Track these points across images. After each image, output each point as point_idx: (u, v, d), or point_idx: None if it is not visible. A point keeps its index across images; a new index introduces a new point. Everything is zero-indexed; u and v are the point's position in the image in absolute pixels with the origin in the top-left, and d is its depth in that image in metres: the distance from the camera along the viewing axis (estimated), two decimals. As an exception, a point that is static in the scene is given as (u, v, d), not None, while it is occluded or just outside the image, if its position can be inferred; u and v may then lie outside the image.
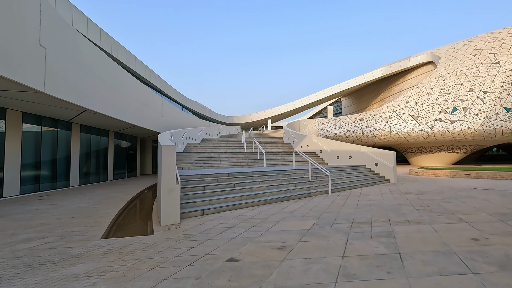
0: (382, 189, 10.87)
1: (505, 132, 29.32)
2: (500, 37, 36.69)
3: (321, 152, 17.63)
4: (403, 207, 6.87)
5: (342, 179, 11.57)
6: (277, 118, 54.88)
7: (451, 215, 5.85)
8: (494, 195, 8.79)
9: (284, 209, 6.92)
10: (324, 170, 9.79)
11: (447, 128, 30.36)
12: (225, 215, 6.26)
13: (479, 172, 15.49)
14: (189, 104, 36.31)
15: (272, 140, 24.81)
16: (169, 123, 22.57)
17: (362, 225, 5.14)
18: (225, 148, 20.10)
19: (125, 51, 19.93)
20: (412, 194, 9.31)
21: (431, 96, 32.46)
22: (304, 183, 9.93)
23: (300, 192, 9.01)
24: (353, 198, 8.62)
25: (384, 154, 14.06)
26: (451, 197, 8.39)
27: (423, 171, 18.32)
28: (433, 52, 42.04)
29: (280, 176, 10.02)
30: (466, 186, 11.46)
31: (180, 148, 16.67)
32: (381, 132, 32.23)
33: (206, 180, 8.05)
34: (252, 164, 14.28)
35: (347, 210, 6.62)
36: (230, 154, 15.02)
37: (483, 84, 31.67)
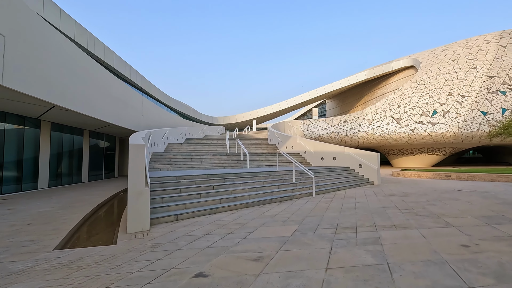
0: (366, 191, 10.69)
1: (482, 135, 30.35)
2: (477, 44, 38.12)
3: (305, 153, 17.41)
4: (389, 210, 6.62)
5: (326, 181, 11.31)
6: (263, 119, 54.67)
7: (438, 219, 5.64)
8: (476, 197, 8.77)
9: (266, 213, 6.51)
10: (308, 171, 9.48)
11: (427, 130, 31.09)
12: (201, 220, 5.77)
13: (459, 174, 15.74)
14: (173, 104, 35.37)
15: (257, 141, 24.44)
16: (149, 122, 21.71)
17: (347, 231, 4.80)
18: (208, 148, 19.52)
19: (102, 46, 18.97)
20: (397, 196, 9.15)
21: (413, 99, 33.19)
22: (288, 185, 9.57)
23: (283, 194, 8.64)
24: (337, 200, 8.34)
25: (368, 155, 13.98)
26: (435, 199, 8.27)
27: (406, 173, 18.48)
28: (414, 56, 43.13)
29: (262, 177, 9.61)
30: (448, 187, 11.50)
31: (160, 148, 15.97)
32: (365, 134, 32.60)
33: (183, 182, 7.51)
34: (235, 165, 13.82)
35: (331, 214, 6.29)
36: (213, 154, 14.49)
37: (461, 88, 32.71)
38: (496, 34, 38.65)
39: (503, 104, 30.73)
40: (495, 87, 31.77)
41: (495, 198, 8.34)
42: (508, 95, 31.16)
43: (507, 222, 5.32)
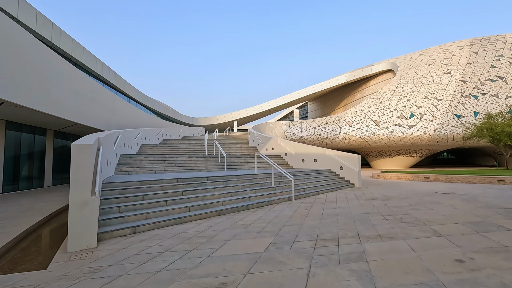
0: (347, 194, 10.29)
1: (456, 138, 31.35)
2: (451, 50, 39.57)
3: (286, 155, 16.92)
4: (372, 217, 6.16)
5: (306, 184, 10.82)
6: (245, 120, 54.03)
7: (424, 226, 5.21)
8: (458, 200, 8.56)
9: (239, 222, 5.84)
10: (287, 174, 8.92)
11: (405, 133, 31.71)
12: (163, 232, 5.01)
13: (437, 176, 15.83)
14: (150, 104, 33.93)
15: (237, 142, 23.73)
16: (122, 122, 20.43)
17: (328, 243, 4.23)
18: (185, 150, 18.59)
19: (70, 40, 17.58)
20: (379, 200, 8.78)
21: (391, 102, 33.80)
22: (266, 189, 8.96)
23: (260, 199, 8.01)
24: (318, 205, 7.82)
25: (349, 157, 13.68)
26: (418, 203, 7.96)
27: (386, 175, 18.46)
28: (392, 60, 44.17)
29: (239, 181, 8.94)
30: (429, 190, 11.35)
31: (132, 150, 14.91)
32: (345, 135, 32.77)
33: (148, 188, 6.69)
34: (212, 168, 13.05)
35: (311, 222, 5.73)
36: (188, 156, 13.64)
37: (437, 92, 33.70)
38: (468, 41, 40.31)
39: (475, 108, 31.94)
40: (468, 91, 32.99)
41: (476, 201, 8.15)
42: (479, 99, 32.43)
43: (495, 229, 4.98)
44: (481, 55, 36.73)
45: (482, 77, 34.08)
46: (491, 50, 37.20)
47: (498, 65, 34.99)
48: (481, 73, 34.40)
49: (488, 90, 32.93)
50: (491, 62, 35.38)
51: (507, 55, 35.99)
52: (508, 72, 34.24)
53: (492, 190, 10.95)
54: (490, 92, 32.79)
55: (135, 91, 28.90)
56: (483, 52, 37.14)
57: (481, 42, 39.05)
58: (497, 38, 39.30)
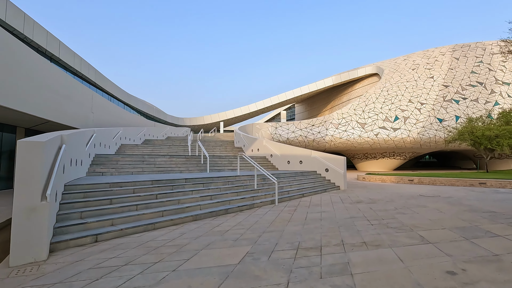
0: (332, 197, 10.03)
1: (438, 141, 32.04)
2: (434, 55, 40.58)
3: (271, 156, 16.58)
4: (357, 222, 5.86)
5: (291, 187, 10.48)
6: (231, 121, 53.51)
7: (411, 232, 4.94)
8: (443, 203, 8.44)
9: (216, 228, 5.39)
10: (271, 177, 8.54)
11: (390, 135, 32.13)
12: (129, 241, 4.50)
13: (421, 178, 15.91)
14: (133, 102, 32.86)
15: (223, 143, 23.22)
16: (101, 120, 19.50)
17: (310, 253, 3.86)
18: (167, 150, 17.92)
19: (44, 33, 16.60)
20: (364, 203, 8.54)
21: (376, 105, 34.21)
22: (248, 192, 8.54)
23: (241, 203, 7.58)
24: (302, 209, 7.48)
25: (335, 159, 13.48)
26: (403, 207, 7.76)
27: (371, 177, 18.45)
28: (378, 64, 44.87)
29: (220, 183, 8.48)
30: (413, 193, 11.27)
31: (109, 149, 14.17)
32: (331, 138, 32.86)
33: (118, 190, 6.13)
34: (194, 169, 12.52)
35: (293, 228, 5.36)
36: (169, 157, 13.04)
37: (420, 96, 34.39)
38: (450, 47, 41.50)
39: (457, 112, 32.79)
40: (449, 96, 33.85)
41: (461, 205, 8.05)
42: (461, 103, 33.33)
43: (483, 234, 4.77)
44: (462, 61, 37.86)
45: (463, 82, 35.07)
46: (471, 56, 38.40)
47: (478, 71, 36.13)
48: (462, 79, 35.42)
49: (468, 95, 33.90)
50: (471, 68, 36.51)
51: (486, 61, 37.25)
52: (487, 78, 35.41)
53: (474, 193, 10.98)
54: (471, 97, 33.77)
55: (116, 89, 27.86)
56: (464, 58, 38.30)
57: (462, 49, 40.28)
58: (477, 45, 40.64)
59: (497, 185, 13.33)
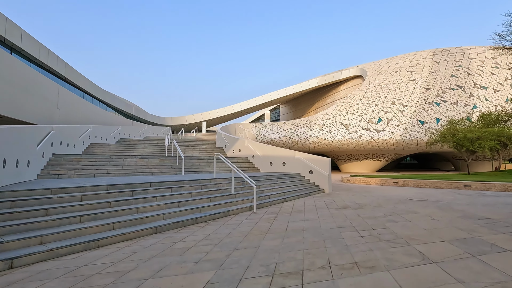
0: (317, 201, 9.28)
1: (420, 143, 32.36)
2: (415, 58, 41.22)
3: (253, 157, 15.73)
4: (345, 233, 5.09)
5: (272, 190, 9.65)
6: (216, 121, 52.28)
7: (407, 247, 4.21)
8: (433, 208, 7.87)
9: (177, 244, 4.45)
10: (249, 180, 7.66)
11: (373, 137, 32.11)
12: (57, 266, 3.48)
13: (406, 181, 15.56)
14: (110, 100, 31.05)
15: (203, 143, 22.16)
16: (70, 117, 18.00)
17: (289, 281, 3.01)
18: (142, 150, 16.71)
19: (3, 20, 14.96)
20: (350, 209, 7.83)
21: (360, 107, 34.17)
22: (224, 197, 7.63)
23: (215, 210, 6.65)
24: (283, 217, 6.65)
25: (319, 160, 12.80)
26: (393, 213, 7.10)
27: (355, 179, 17.99)
28: (361, 67, 45.14)
29: (192, 188, 7.52)
30: (400, 196, 10.73)
31: (75, 149, 12.84)
32: (316, 139, 32.47)
33: (60, 198, 5.05)
34: (167, 171, 11.45)
35: (270, 243, 4.50)
36: (140, 158, 11.89)
37: (403, 98, 34.67)
38: (431, 51, 42.34)
39: (437, 115, 33.27)
40: (431, 98, 34.33)
41: (453, 210, 7.50)
42: (441, 106, 33.86)
43: (490, 249, 4.10)
44: (443, 64, 38.63)
45: (444, 85, 35.72)
46: (451, 60, 39.28)
47: (458, 74, 36.95)
48: (443, 82, 36.07)
49: (448, 98, 34.53)
50: (451, 72, 37.28)
51: (465, 65, 38.19)
52: (466, 81, 36.25)
53: (462, 196, 10.59)
54: (451, 100, 34.40)
55: (90, 85, 26.09)
56: (444, 62, 39.11)
57: (442, 53, 41.17)
58: (456, 50, 41.68)
59: (481, 187, 13.10)
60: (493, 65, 38.24)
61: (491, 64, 38.37)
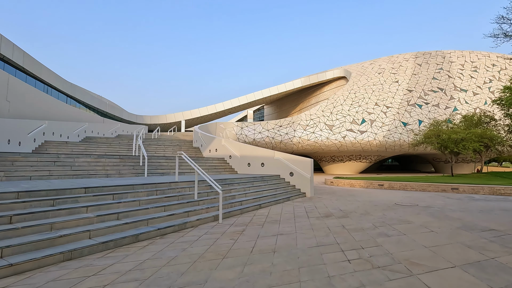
0: (296, 208, 8.11)
1: (403, 144, 32.17)
2: (398, 60, 41.32)
3: (230, 158, 14.43)
4: (327, 255, 3.90)
5: (246, 195, 8.39)
6: (197, 121, 50.45)
7: (411, 278, 3.07)
8: (426, 216, 6.89)
9: (86, 280, 3.10)
10: (214, 184, 6.36)
11: (357, 138, 31.60)
12: None
13: (391, 183, 14.75)
14: (79, 95, 28.76)
15: (179, 143, 20.64)
16: (24, 111, 16.01)
17: None
18: (106, 149, 15.05)
19: None
20: (334, 217, 6.70)
21: (344, 107, 33.62)
22: (183, 205, 6.29)
23: (167, 223, 5.31)
24: (252, 230, 5.40)
25: (301, 161, 11.68)
26: (383, 223, 6.03)
27: (339, 181, 17.06)
28: (345, 68, 44.84)
29: (143, 194, 6.13)
30: (387, 201, 9.77)
31: (21, 147, 11.09)
32: (299, 139, 31.57)
33: None
34: (127, 173, 9.94)
35: (224, 275, 3.24)
36: (97, 157, 10.30)
37: (386, 99, 34.45)
38: (413, 54, 42.61)
39: (420, 117, 33.26)
40: (413, 100, 34.31)
41: (449, 219, 6.53)
42: (423, 108, 33.90)
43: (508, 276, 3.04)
44: (424, 67, 38.88)
45: (426, 87, 35.86)
46: (432, 63, 39.63)
47: (439, 77, 37.26)
48: (425, 84, 36.22)
49: (430, 100, 34.65)
50: (433, 74, 37.55)
51: (446, 68, 38.60)
52: (447, 84, 36.58)
53: (452, 201, 9.77)
54: (432, 102, 34.54)
55: (56, 78, 23.85)
56: (426, 64, 39.39)
57: (424, 56, 41.52)
58: (437, 53, 42.16)
59: (469, 190, 12.44)
60: (472, 68, 38.91)
61: (471, 68, 39.03)
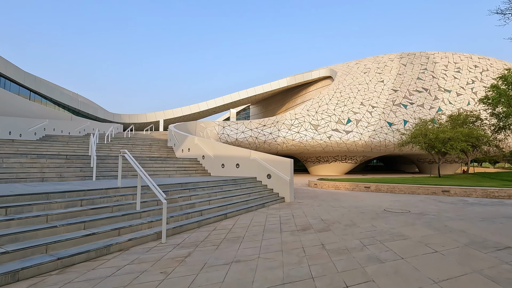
0: (270, 218, 6.78)
1: (388, 144, 31.59)
2: (383, 61, 40.99)
3: (203, 158, 12.97)
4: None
5: (209, 203, 6.97)
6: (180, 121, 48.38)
7: None
8: (423, 227, 5.71)
9: None
10: (157, 191, 4.92)
11: (342, 138, 30.75)
12: None
13: (378, 185, 13.70)
14: (46, 91, 26.48)
15: (152, 142, 18.97)
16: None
17: None
18: (61, 148, 13.31)
19: None
20: (313, 231, 5.41)
21: (330, 107, 32.75)
22: (117, 218, 4.81)
23: (80, 247, 3.84)
24: (199, 257, 4.00)
25: (279, 162, 10.37)
26: (374, 240, 4.77)
27: (323, 183, 15.91)
28: (331, 67, 44.18)
29: (60, 205, 4.61)
30: (375, 206, 8.60)
31: None
32: (284, 139, 30.39)
33: None
34: (70, 176, 8.31)
35: None
36: (35, 157, 8.61)
37: (372, 99, 33.85)
38: (398, 54, 42.44)
39: (405, 117, 32.83)
40: (398, 100, 33.88)
41: (451, 231, 5.37)
42: (408, 108, 33.52)
43: None
44: (409, 67, 38.69)
45: (410, 87, 35.57)
46: (417, 64, 39.51)
47: (423, 77, 37.10)
48: (409, 84, 35.94)
49: (415, 100, 34.34)
50: (417, 75, 37.37)
51: (430, 69, 38.54)
52: (431, 84, 36.46)
53: (446, 206, 8.72)
54: (417, 102, 34.24)
55: (15, 70, 21.61)
56: (411, 65, 39.23)
57: (409, 56, 41.41)
58: (421, 54, 42.16)
59: (461, 193, 11.51)
60: (456, 69, 39.07)
61: (454, 69, 39.18)
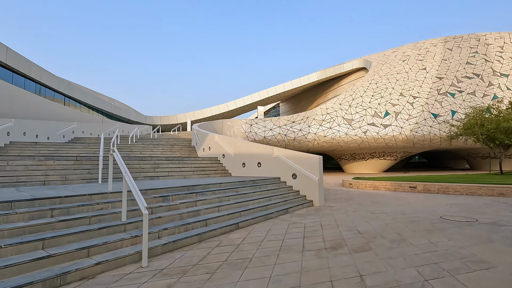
0: (292, 229, 5.45)
1: (433, 138, 28.21)
2: (425, 47, 37.06)
3: (224, 157, 11.96)
4: None
5: (219, 209, 5.83)
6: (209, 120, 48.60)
7: None
8: (508, 246, 4.00)
9: None
10: (139, 198, 3.85)
11: (379, 133, 28.06)
12: None
13: (427, 185, 11.60)
14: (79, 96, 27.60)
15: (176, 142, 18.56)
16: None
17: None
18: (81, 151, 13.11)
19: None
20: (346, 251, 3.99)
21: (365, 99, 30.15)
22: (90, 233, 3.85)
23: (35, 274, 2.88)
24: (185, 289, 2.84)
25: (306, 159, 8.93)
26: (437, 269, 3.24)
27: (359, 183, 14.07)
28: (365, 58, 41.11)
29: (26, 217, 3.75)
30: (428, 212, 6.83)
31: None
32: (315, 136, 28.52)
33: None
34: (75, 179, 7.71)
35: None
36: (43, 159, 8.18)
37: (412, 89, 30.56)
38: (442, 39, 38.17)
39: (453, 107, 29.10)
40: (444, 89, 30.19)
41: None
42: (456, 97, 29.70)
43: None
44: (456, 51, 34.48)
45: (458, 74, 31.57)
46: (465, 47, 35.11)
47: (474, 62, 32.79)
48: (457, 70, 31.91)
49: (465, 87, 30.36)
50: (466, 59, 33.13)
51: (481, 52, 34.00)
52: (484, 69, 32.05)
53: (528, 213, 6.66)
54: (467, 90, 30.23)
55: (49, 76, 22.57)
56: (458, 49, 34.95)
57: (455, 40, 37.01)
58: (470, 36, 37.49)
59: (541, 195, 9.13)
60: (514, 50, 33.97)
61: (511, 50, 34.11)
